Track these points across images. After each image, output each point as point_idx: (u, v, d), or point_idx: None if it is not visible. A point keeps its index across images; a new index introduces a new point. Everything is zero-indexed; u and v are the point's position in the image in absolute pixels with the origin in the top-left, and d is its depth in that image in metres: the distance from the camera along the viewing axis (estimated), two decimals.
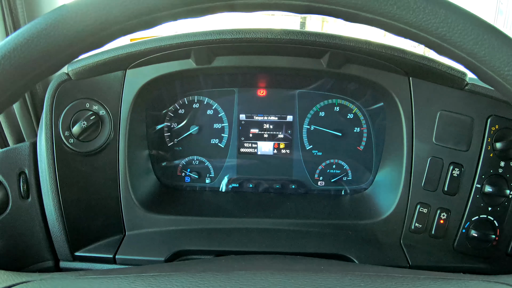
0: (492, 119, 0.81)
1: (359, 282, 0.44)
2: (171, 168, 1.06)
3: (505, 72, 0.39)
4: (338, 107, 1.03)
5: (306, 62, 0.86)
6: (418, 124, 0.83)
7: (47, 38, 0.38)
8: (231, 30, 0.78)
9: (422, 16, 0.39)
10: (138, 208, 0.87)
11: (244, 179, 1.06)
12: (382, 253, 0.84)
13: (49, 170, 0.80)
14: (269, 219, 0.90)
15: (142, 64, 0.84)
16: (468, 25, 0.39)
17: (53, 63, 0.40)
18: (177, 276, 0.45)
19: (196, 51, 0.82)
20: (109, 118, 0.84)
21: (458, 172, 0.82)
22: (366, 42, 0.78)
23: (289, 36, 0.77)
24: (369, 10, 0.39)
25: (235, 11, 0.41)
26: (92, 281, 0.46)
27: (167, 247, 0.83)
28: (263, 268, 0.50)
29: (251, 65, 0.88)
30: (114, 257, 0.82)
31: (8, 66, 0.37)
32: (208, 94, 1.03)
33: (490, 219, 0.82)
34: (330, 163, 1.06)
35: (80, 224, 0.84)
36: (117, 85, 0.84)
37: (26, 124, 0.92)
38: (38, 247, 0.84)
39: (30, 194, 0.82)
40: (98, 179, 0.85)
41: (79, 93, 0.82)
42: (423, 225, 0.84)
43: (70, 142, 0.81)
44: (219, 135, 1.05)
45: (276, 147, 1.05)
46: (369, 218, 0.88)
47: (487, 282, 0.45)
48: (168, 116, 1.03)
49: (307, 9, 0.40)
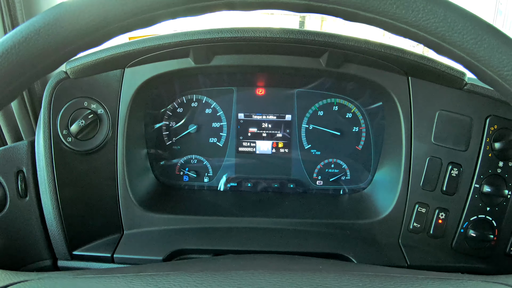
0: (491, 119, 0.81)
1: (357, 281, 0.44)
2: (170, 167, 1.06)
3: (505, 72, 0.39)
4: (337, 107, 1.03)
5: (305, 61, 0.86)
6: (417, 123, 0.83)
7: (46, 36, 0.38)
8: (230, 29, 0.77)
9: (422, 16, 0.39)
10: (136, 207, 0.87)
11: (242, 178, 1.06)
12: (381, 253, 0.84)
13: (47, 168, 0.80)
14: (268, 218, 0.90)
15: (140, 62, 0.83)
16: (468, 25, 0.39)
17: (51, 61, 0.39)
18: (175, 275, 0.45)
19: (194, 50, 0.82)
20: (107, 117, 0.84)
21: (457, 172, 0.82)
22: (365, 41, 0.78)
23: (288, 35, 0.77)
24: (369, 9, 0.39)
25: (233, 9, 0.41)
26: (90, 281, 0.45)
27: (165, 246, 0.83)
28: (261, 267, 0.50)
29: (250, 64, 0.88)
30: (112, 256, 0.82)
31: (6, 64, 0.37)
32: (206, 93, 1.03)
33: (489, 219, 0.82)
34: (328, 162, 1.06)
35: (78, 223, 0.84)
36: (115, 83, 0.84)
37: (24, 123, 0.92)
38: (36, 246, 0.84)
39: (28, 193, 0.82)
40: (96, 178, 0.84)
41: (77, 91, 0.82)
42: (421, 225, 0.84)
43: (68, 141, 0.81)
44: (218, 134, 1.05)
45: (274, 146, 1.05)
46: (368, 218, 0.88)
47: (485, 282, 0.45)
48: (167, 115, 1.03)
49: (306, 8, 0.40)
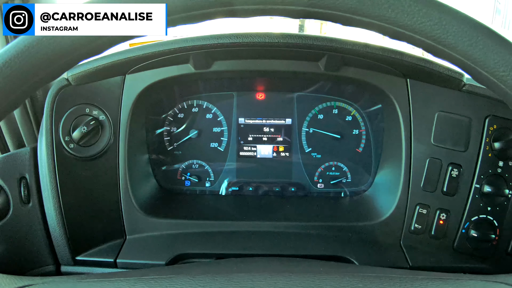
0: (490, 119, 0.81)
1: (358, 283, 0.44)
2: (171, 172, 1.06)
3: (500, 73, 0.40)
4: (337, 110, 1.04)
5: (304, 66, 0.86)
6: (416, 125, 0.84)
7: (48, 44, 0.38)
8: (229, 35, 0.78)
9: (417, 19, 0.39)
10: (139, 212, 0.87)
11: (243, 183, 1.06)
12: (382, 255, 0.84)
13: (50, 175, 0.80)
14: (269, 222, 0.90)
15: (141, 69, 0.84)
16: (463, 27, 0.39)
17: (54, 69, 0.40)
18: (177, 278, 0.46)
19: (194, 55, 0.82)
20: (109, 123, 0.84)
21: (457, 172, 0.82)
22: (363, 44, 0.78)
23: (287, 39, 0.78)
24: (365, 14, 0.40)
25: (232, 16, 0.42)
26: (93, 284, 0.46)
27: (167, 251, 0.83)
28: (263, 270, 0.50)
29: (250, 69, 0.88)
30: (115, 261, 0.83)
31: (9, 73, 0.38)
32: (207, 98, 1.03)
33: (490, 219, 0.82)
34: (329, 165, 1.06)
35: (81, 229, 0.84)
36: (116, 90, 0.84)
37: (26, 129, 0.92)
38: (39, 252, 0.84)
39: (31, 199, 0.83)
40: (98, 184, 0.85)
41: (79, 98, 0.82)
42: (422, 226, 0.84)
43: (70, 147, 0.81)
44: (219, 139, 1.05)
45: (275, 150, 1.06)
46: (369, 220, 0.89)
47: (485, 281, 0.45)
48: (168, 121, 1.04)
49: (303, 14, 0.41)
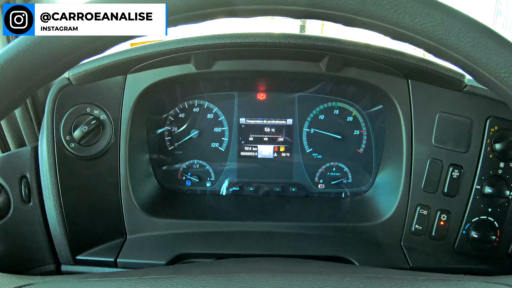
0: (491, 120, 0.81)
1: (358, 283, 0.44)
2: (172, 172, 1.06)
3: (502, 74, 0.40)
4: (338, 110, 1.04)
5: (305, 66, 0.86)
6: (418, 126, 0.84)
7: (48, 44, 0.38)
8: (230, 35, 0.78)
9: (419, 20, 0.39)
10: (139, 212, 0.87)
11: (244, 183, 1.06)
12: (383, 255, 0.84)
13: (51, 174, 0.80)
14: (270, 222, 0.90)
15: (142, 68, 0.84)
16: (464, 28, 0.39)
17: (55, 69, 0.40)
18: (178, 278, 0.46)
19: (196, 55, 0.82)
20: (110, 123, 0.84)
21: (458, 173, 0.82)
22: (364, 45, 0.78)
23: (288, 40, 0.78)
24: (366, 14, 0.40)
25: (233, 16, 0.42)
26: (93, 284, 0.46)
27: (168, 250, 0.83)
28: (263, 270, 0.50)
29: (251, 69, 0.88)
30: (116, 261, 0.83)
31: (11, 72, 0.38)
32: (208, 98, 1.04)
33: (490, 220, 0.82)
34: (330, 166, 1.06)
35: (82, 228, 0.84)
36: (117, 89, 0.84)
37: (27, 129, 0.92)
38: (40, 251, 0.84)
39: (32, 198, 0.83)
40: (99, 183, 0.85)
41: (80, 97, 0.83)
42: (423, 227, 0.84)
43: (71, 147, 0.82)
44: (220, 139, 1.05)
45: (276, 150, 1.06)
46: (370, 220, 0.89)
47: (486, 282, 0.45)
48: (169, 120, 1.04)
49: (304, 14, 0.41)
